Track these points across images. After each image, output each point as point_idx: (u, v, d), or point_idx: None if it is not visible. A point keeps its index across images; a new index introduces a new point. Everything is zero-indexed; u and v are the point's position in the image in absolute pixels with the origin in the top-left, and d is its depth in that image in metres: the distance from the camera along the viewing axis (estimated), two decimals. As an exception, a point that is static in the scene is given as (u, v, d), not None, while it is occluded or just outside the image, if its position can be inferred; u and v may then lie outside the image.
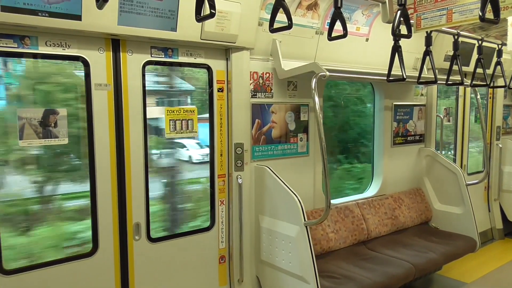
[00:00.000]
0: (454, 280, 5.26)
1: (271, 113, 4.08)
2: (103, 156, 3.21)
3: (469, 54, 5.54)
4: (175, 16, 3.20)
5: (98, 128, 3.17)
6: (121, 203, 3.32)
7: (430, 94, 5.66)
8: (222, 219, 3.90)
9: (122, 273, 3.37)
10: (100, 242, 3.23)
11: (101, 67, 3.15)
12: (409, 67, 5.22)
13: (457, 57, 3.82)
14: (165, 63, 3.53)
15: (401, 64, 3.33)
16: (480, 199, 6.76)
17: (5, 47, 2.78)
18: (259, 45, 3.83)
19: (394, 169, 5.33)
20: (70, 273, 3.12)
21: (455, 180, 5.20)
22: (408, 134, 5.50)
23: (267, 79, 4.02)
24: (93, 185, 3.18)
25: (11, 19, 2.61)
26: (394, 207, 5.07)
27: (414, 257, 4.36)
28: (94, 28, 2.91)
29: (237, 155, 3.83)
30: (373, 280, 3.80)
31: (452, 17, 2.85)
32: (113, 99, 3.22)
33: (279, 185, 3.72)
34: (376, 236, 4.77)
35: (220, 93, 3.79)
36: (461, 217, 5.13)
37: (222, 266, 3.95)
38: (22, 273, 2.93)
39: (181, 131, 3.60)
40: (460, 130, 6.50)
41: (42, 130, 2.94)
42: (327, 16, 4.11)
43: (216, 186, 3.85)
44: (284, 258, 3.69)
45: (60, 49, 2.97)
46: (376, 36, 4.63)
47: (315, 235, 4.15)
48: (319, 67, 3.54)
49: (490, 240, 6.83)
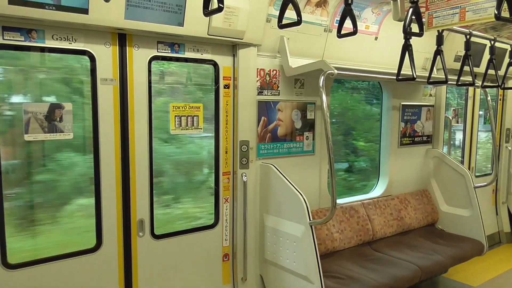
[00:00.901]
0: (460, 283, 5.20)
1: (278, 110, 4.04)
2: (108, 152, 3.19)
3: (480, 55, 5.46)
4: (183, 11, 3.17)
5: (103, 123, 3.15)
6: (125, 199, 3.31)
7: (438, 95, 5.60)
8: (226, 217, 3.88)
9: (125, 269, 3.36)
10: (104, 238, 3.22)
11: (107, 62, 3.13)
12: (418, 67, 5.14)
13: (468, 57, 3.76)
14: (171, 59, 3.50)
15: (412, 63, 3.27)
16: (488, 202, 6.69)
17: (12, 40, 2.76)
18: (266, 42, 3.80)
19: (400, 170, 5.27)
20: (74, 268, 3.12)
21: (463, 182, 5.13)
22: (416, 135, 5.43)
23: (274, 76, 3.98)
24: (97, 181, 3.17)
25: (19, 12, 2.60)
26: (400, 208, 5.02)
27: (420, 259, 4.31)
28: (100, 22, 2.89)
29: (242, 152, 3.80)
30: (378, 282, 3.76)
31: (465, 16, 2.78)
32: (118, 94, 3.20)
33: (284, 183, 3.69)
34: (381, 237, 4.72)
35: (226, 90, 3.75)
36: (469, 219, 5.06)
37: (226, 264, 3.92)
38: (26, 267, 2.93)
39: (186, 128, 3.57)
40: (469, 131, 6.42)
41: (48, 125, 2.92)
42: (336, 13, 4.06)
43: (220, 184, 3.82)
44: (288, 258, 3.66)
45: (66, 43, 2.95)
46: (386, 34, 4.57)
47: (320, 235, 4.11)
48: (327, 65, 3.50)
49: (497, 243, 6.75)
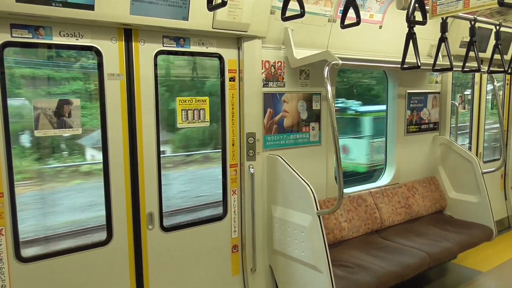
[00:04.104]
0: (469, 269, 5.21)
1: (283, 102, 4.05)
2: (116, 146, 3.23)
3: (485, 40, 5.42)
4: (187, 5, 3.19)
5: (111, 118, 3.18)
6: (134, 193, 3.35)
7: (445, 82, 5.57)
8: (235, 209, 3.91)
9: (136, 262, 3.41)
10: (114, 231, 3.27)
11: (114, 57, 3.16)
12: (424, 54, 5.13)
13: (473, 43, 3.74)
14: (177, 53, 3.52)
15: (416, 52, 3.26)
16: (497, 187, 6.67)
17: (20, 37, 2.80)
18: (271, 34, 3.80)
19: (407, 158, 5.27)
20: (85, 261, 3.17)
21: (470, 169, 5.12)
22: (422, 122, 5.42)
23: (279, 68, 3.98)
24: (107, 175, 3.21)
25: (26, 9, 2.62)
26: (407, 196, 5.03)
27: (428, 246, 4.33)
28: (106, 18, 2.92)
29: (249, 144, 3.83)
30: (387, 269, 3.78)
31: (469, 2, 2.77)
32: (125, 89, 3.23)
33: (291, 174, 3.71)
34: (389, 225, 4.74)
35: (232, 83, 3.77)
36: (477, 205, 5.06)
37: (235, 255, 3.97)
38: (38, 261, 2.98)
39: (193, 121, 3.60)
40: (476, 117, 6.39)
41: (57, 120, 2.97)
42: (339, 3, 4.05)
43: (228, 176, 3.85)
44: (297, 248, 3.70)
45: (73, 39, 2.98)
46: (390, 23, 4.55)
47: (327, 224, 4.14)
48: (332, 55, 3.50)
49: (506, 228, 6.75)
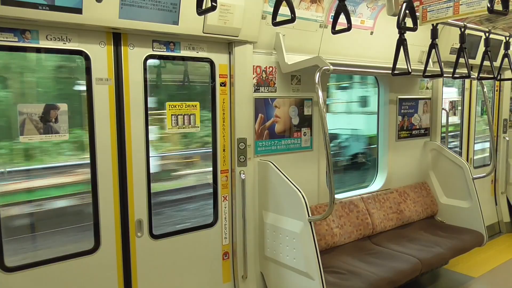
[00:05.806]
0: (461, 274, 5.21)
1: (275, 107, 4.03)
2: (104, 152, 3.18)
3: (475, 47, 5.45)
4: (177, 9, 3.16)
5: (99, 123, 3.14)
6: (123, 200, 3.30)
7: (435, 88, 5.60)
8: (225, 215, 3.87)
9: (124, 270, 3.35)
10: (102, 239, 3.21)
11: (102, 61, 3.12)
12: (415, 60, 5.15)
13: (463, 50, 3.76)
14: (167, 57, 3.49)
15: (407, 58, 3.27)
16: (487, 192, 6.70)
17: (6, 41, 2.75)
18: (262, 39, 3.78)
19: (399, 163, 5.28)
20: (72, 270, 3.11)
21: (461, 174, 5.14)
22: (413, 128, 5.44)
23: (271, 73, 3.97)
24: (94, 182, 3.16)
25: (12, 12, 2.58)
26: (399, 201, 5.03)
27: (420, 251, 4.32)
28: (95, 22, 2.88)
29: (240, 150, 3.80)
30: (379, 276, 3.76)
31: (459, 9, 2.77)
32: (114, 93, 3.19)
33: (282, 180, 3.68)
34: (381, 231, 4.73)
35: (223, 88, 3.74)
36: (468, 211, 5.08)
37: (226, 262, 3.93)
38: (23, 270, 2.92)
39: (183, 126, 3.56)
40: (466, 123, 6.43)
41: (43, 126, 2.91)
42: (331, 9, 4.05)
43: (219, 182, 3.81)
44: (288, 254, 3.66)
45: (61, 43, 2.94)
46: (381, 29, 4.56)
47: (319, 230, 4.12)
48: (323, 61, 3.49)
49: (497, 233, 6.78)
